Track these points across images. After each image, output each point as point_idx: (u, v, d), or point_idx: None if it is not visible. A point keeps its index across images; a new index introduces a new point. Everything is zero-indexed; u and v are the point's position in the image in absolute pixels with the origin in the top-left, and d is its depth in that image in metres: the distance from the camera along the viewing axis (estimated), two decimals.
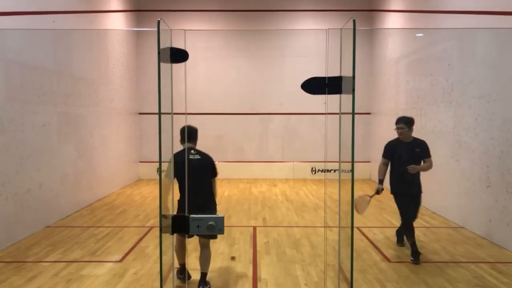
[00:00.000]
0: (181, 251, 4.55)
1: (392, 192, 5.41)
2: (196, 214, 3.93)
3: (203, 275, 4.34)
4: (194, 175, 4.25)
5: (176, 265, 4.53)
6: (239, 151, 12.28)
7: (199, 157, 4.36)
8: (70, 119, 7.93)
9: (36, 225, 6.51)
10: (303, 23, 12.42)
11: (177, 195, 4.05)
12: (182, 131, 4.37)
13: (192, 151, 4.38)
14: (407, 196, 5.34)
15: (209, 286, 4.33)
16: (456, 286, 4.47)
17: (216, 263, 5.11)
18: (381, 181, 5.50)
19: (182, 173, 4.07)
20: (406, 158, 5.27)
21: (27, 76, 6.41)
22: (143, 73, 11.92)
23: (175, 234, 4.14)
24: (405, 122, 5.35)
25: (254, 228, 6.80)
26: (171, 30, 2.09)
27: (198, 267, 4.38)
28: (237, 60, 12.41)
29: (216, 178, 4.55)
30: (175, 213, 4.42)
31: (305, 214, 7.78)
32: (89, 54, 9.02)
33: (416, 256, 5.14)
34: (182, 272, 4.53)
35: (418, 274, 4.78)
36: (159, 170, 2.22)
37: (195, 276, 4.50)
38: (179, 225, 2.07)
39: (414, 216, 5.41)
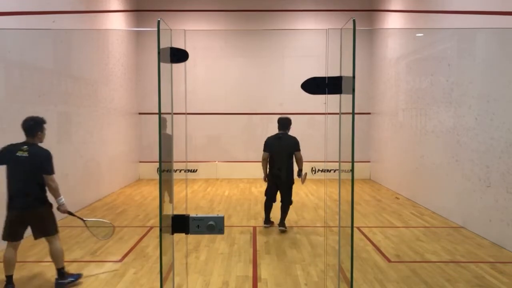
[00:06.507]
0: (12, 259, 4.14)
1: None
2: (18, 214, 4.18)
3: (59, 270, 4.30)
4: (20, 173, 4.11)
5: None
6: (239, 151, 12.27)
7: (27, 154, 4.07)
8: (70, 119, 7.92)
9: None
10: (303, 23, 12.42)
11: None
12: (22, 124, 4.18)
13: (25, 146, 4.11)
14: None
15: (68, 280, 4.31)
16: (456, 286, 4.47)
17: (216, 263, 5.12)
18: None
19: (8, 170, 4.10)
20: None
21: (27, 76, 6.41)
22: (143, 73, 11.91)
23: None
24: None
25: (254, 228, 6.79)
26: (171, 30, 2.09)
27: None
28: (237, 60, 12.41)
29: (53, 176, 4.23)
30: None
31: (305, 214, 7.78)
32: (89, 54, 9.02)
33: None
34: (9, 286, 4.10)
35: (418, 274, 4.78)
36: (159, 170, 2.22)
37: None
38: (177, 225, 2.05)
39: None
